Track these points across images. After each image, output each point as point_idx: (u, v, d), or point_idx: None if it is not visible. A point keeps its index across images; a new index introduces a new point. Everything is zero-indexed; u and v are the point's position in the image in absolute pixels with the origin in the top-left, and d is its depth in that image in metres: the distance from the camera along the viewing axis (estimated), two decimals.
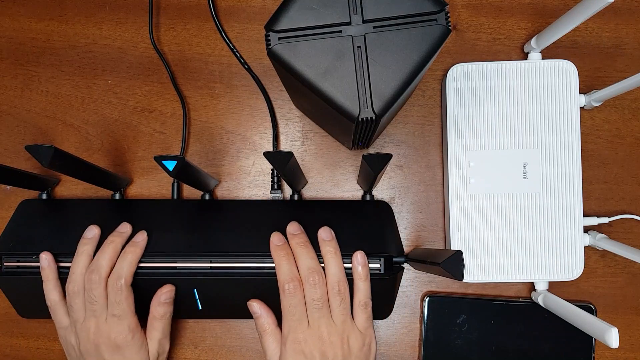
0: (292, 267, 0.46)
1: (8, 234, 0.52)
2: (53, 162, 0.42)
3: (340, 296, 0.46)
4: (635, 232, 0.55)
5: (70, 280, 0.47)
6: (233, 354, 0.56)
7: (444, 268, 0.41)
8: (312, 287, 0.45)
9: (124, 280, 0.46)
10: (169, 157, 0.43)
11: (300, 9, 0.38)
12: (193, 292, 0.51)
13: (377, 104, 0.38)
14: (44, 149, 0.42)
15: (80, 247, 0.48)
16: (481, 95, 0.53)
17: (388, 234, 0.52)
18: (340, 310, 0.46)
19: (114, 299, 0.46)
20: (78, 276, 0.47)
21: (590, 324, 0.45)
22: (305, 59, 0.38)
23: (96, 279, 0.46)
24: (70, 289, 0.47)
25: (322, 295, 0.45)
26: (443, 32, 0.38)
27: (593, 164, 0.56)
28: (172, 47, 0.58)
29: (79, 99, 0.58)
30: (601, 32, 0.56)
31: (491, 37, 0.56)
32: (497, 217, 0.53)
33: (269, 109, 0.56)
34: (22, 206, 0.54)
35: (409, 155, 0.57)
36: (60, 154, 0.43)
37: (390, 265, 0.49)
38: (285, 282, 0.46)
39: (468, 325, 0.54)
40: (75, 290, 0.47)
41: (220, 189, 0.57)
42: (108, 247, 0.48)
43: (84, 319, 0.47)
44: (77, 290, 0.47)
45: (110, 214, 0.53)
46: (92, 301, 0.46)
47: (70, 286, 0.47)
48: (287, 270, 0.46)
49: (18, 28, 0.58)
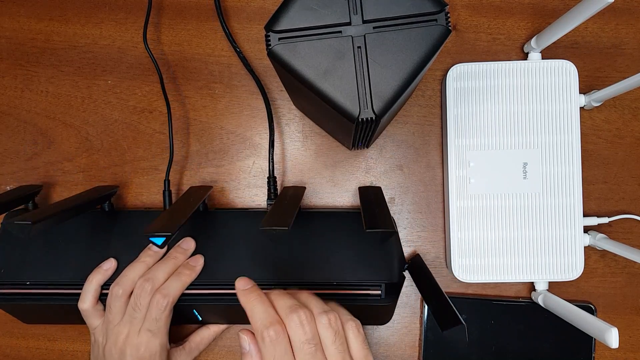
0: (269, 309, 0.38)
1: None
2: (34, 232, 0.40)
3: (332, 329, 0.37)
4: (635, 232, 0.55)
5: (119, 282, 0.47)
6: (233, 354, 0.56)
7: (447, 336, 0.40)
8: (299, 326, 0.36)
9: (170, 300, 0.46)
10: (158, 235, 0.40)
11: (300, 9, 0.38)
12: (192, 311, 0.51)
13: (377, 104, 0.38)
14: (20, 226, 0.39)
15: (144, 255, 0.48)
16: (481, 95, 0.53)
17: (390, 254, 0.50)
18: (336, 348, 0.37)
19: (154, 315, 0.45)
20: (129, 281, 0.46)
21: (590, 324, 0.45)
22: (305, 59, 0.38)
23: (148, 288, 0.46)
24: (115, 290, 0.46)
25: (314, 335, 0.36)
26: (443, 32, 0.38)
27: (593, 164, 0.56)
28: (172, 47, 0.58)
29: (79, 99, 0.58)
30: (601, 32, 0.56)
31: (491, 37, 0.56)
32: (497, 217, 0.53)
33: (267, 114, 0.56)
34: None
35: (409, 155, 0.57)
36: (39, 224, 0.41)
37: (392, 290, 0.49)
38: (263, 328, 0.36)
39: (468, 325, 0.54)
40: (120, 293, 0.46)
41: (220, 189, 0.57)
42: (170, 261, 0.48)
43: (118, 322, 0.46)
44: (122, 294, 0.46)
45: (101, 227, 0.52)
46: (136, 308, 0.46)
47: (116, 288, 0.46)
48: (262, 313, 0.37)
49: (18, 28, 0.58)
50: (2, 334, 0.57)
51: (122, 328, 0.46)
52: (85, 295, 0.48)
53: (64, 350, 0.57)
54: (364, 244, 0.50)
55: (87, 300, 0.48)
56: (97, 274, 0.48)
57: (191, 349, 0.52)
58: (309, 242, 0.50)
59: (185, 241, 0.50)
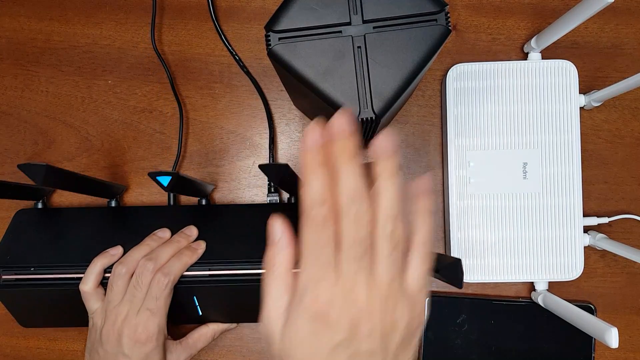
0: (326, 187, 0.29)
1: (5, 246, 0.51)
2: (46, 179, 0.42)
3: (393, 241, 0.29)
4: (635, 232, 0.55)
5: (123, 261, 0.47)
6: (233, 354, 0.56)
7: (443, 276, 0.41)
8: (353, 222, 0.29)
9: (171, 278, 0.46)
10: (163, 173, 0.42)
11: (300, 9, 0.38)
12: (193, 299, 0.51)
13: (377, 104, 0.38)
14: (36, 167, 0.41)
15: (149, 239, 0.49)
16: (481, 96, 0.53)
17: None
18: (389, 263, 0.29)
19: (155, 293, 0.46)
20: (132, 260, 0.47)
21: (590, 324, 0.45)
22: (305, 59, 0.38)
23: (151, 267, 0.46)
24: (118, 270, 0.47)
25: (366, 236, 0.29)
26: (443, 32, 0.38)
27: (593, 164, 0.56)
28: (172, 47, 0.58)
29: (79, 99, 0.58)
30: (601, 32, 0.56)
31: (491, 37, 0.56)
32: (497, 217, 0.53)
33: (266, 112, 0.56)
34: (18, 216, 0.54)
35: (409, 155, 0.57)
36: (53, 171, 0.43)
37: None
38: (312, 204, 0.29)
39: (468, 325, 0.54)
40: (123, 272, 0.46)
41: (220, 189, 0.57)
42: (173, 244, 0.48)
43: (118, 302, 0.46)
44: (125, 273, 0.46)
45: (106, 221, 0.53)
46: (137, 286, 0.46)
47: (119, 267, 0.47)
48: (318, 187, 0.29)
49: (18, 28, 0.58)
50: (2, 334, 0.57)
51: (122, 308, 0.46)
52: (88, 277, 0.48)
53: (64, 350, 0.57)
54: None
55: (90, 282, 0.47)
56: (103, 258, 0.48)
57: (188, 344, 0.52)
58: None
59: (188, 228, 0.51)
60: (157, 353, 0.47)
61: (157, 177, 0.43)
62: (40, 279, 0.50)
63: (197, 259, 0.49)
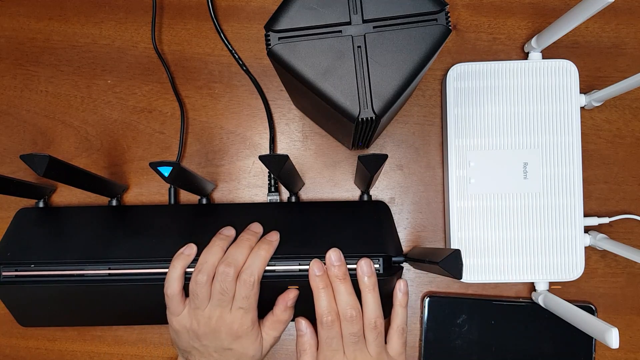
0: (331, 301, 0.48)
1: (6, 244, 0.52)
2: (48, 171, 0.42)
3: (376, 331, 0.48)
4: (635, 232, 0.55)
5: (201, 269, 0.47)
6: None
7: (443, 267, 0.41)
8: (350, 323, 0.47)
9: (256, 277, 0.47)
10: (165, 163, 0.42)
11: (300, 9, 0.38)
12: None
13: (377, 104, 0.38)
14: (38, 158, 0.42)
15: (217, 240, 0.49)
16: (481, 95, 0.53)
17: (386, 233, 0.52)
18: (376, 344, 0.48)
19: (243, 293, 0.47)
20: (210, 267, 0.47)
21: (591, 324, 0.45)
22: (305, 59, 0.38)
23: (231, 272, 0.47)
24: (199, 278, 0.47)
25: (359, 330, 0.47)
26: (443, 32, 0.38)
27: (593, 164, 0.56)
28: (172, 47, 0.57)
29: (79, 99, 0.58)
30: (601, 31, 0.56)
31: (491, 37, 0.56)
32: (498, 217, 0.53)
33: (266, 111, 0.56)
34: (19, 215, 0.54)
35: (409, 155, 0.56)
36: (55, 163, 0.43)
37: (390, 265, 0.49)
38: (323, 315, 0.48)
39: (468, 326, 0.54)
40: (204, 280, 0.47)
41: (220, 189, 0.57)
42: (244, 243, 0.49)
43: (206, 307, 0.47)
44: (206, 280, 0.47)
45: (107, 220, 0.53)
46: (223, 292, 0.47)
47: (199, 276, 0.47)
48: (326, 304, 0.48)
49: (18, 28, 0.58)
50: (2, 334, 0.57)
51: (213, 311, 0.47)
52: (171, 281, 0.48)
53: (63, 350, 0.57)
54: (362, 225, 0.51)
55: (173, 286, 0.48)
56: (180, 260, 0.49)
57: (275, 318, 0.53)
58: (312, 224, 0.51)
59: (254, 225, 0.51)
60: (255, 340, 0.49)
61: (159, 167, 0.42)
62: (41, 275, 0.50)
63: (274, 250, 0.49)
